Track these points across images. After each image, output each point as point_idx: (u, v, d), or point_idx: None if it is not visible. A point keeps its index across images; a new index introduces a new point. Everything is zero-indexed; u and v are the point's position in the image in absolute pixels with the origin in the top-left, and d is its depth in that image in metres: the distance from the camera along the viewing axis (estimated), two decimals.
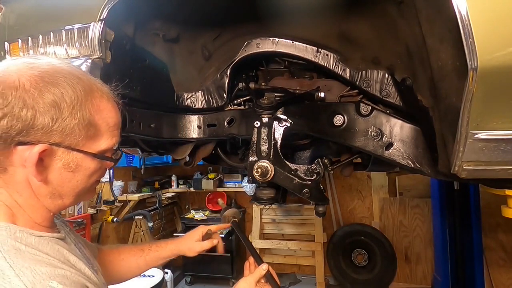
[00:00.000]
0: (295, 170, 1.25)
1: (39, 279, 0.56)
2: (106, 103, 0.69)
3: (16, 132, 0.58)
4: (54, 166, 0.63)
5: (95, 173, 0.70)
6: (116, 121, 0.72)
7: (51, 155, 0.62)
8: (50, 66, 0.64)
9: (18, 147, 0.60)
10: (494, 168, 0.85)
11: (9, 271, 0.55)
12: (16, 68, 0.61)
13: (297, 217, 4.06)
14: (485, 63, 0.69)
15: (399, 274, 3.93)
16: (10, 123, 0.57)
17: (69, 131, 0.62)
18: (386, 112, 1.23)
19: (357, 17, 1.23)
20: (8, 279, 0.54)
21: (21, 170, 0.61)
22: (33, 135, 0.59)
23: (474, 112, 0.76)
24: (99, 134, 0.67)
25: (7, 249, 0.57)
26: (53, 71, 0.63)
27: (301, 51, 1.27)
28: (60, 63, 0.66)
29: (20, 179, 0.62)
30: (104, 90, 0.70)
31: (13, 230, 0.61)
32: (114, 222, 3.77)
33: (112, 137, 0.70)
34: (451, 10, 0.70)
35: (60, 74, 0.63)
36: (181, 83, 1.42)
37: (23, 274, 0.55)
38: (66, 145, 0.63)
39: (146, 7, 1.15)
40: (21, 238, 0.61)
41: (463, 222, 3.24)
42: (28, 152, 0.59)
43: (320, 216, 1.33)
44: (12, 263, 0.56)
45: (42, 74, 0.61)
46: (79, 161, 0.65)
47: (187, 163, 1.65)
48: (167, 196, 4.66)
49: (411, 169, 1.18)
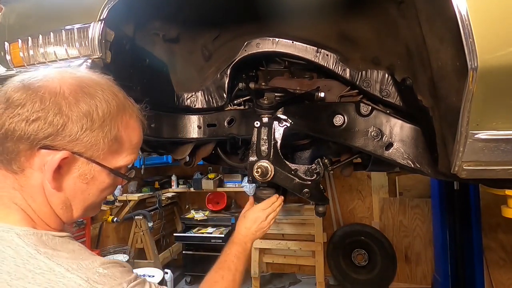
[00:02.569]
0: (295, 170, 1.25)
1: (85, 270, 0.57)
2: (134, 122, 0.71)
3: (44, 136, 0.59)
4: (71, 175, 0.63)
5: (107, 188, 0.70)
6: (139, 140, 0.73)
7: (71, 163, 0.62)
8: (91, 79, 0.66)
9: (41, 150, 0.60)
10: (494, 168, 0.85)
11: (58, 268, 0.56)
12: (60, 76, 0.63)
13: (297, 217, 4.06)
14: (485, 63, 0.69)
15: (399, 274, 3.93)
16: (41, 126, 0.58)
17: (95, 143, 0.63)
18: (386, 112, 1.23)
19: (357, 17, 1.23)
20: (60, 274, 0.55)
21: (38, 174, 0.61)
22: (59, 141, 0.60)
23: (474, 112, 0.76)
24: (121, 151, 0.68)
25: (44, 250, 0.58)
26: (93, 83, 0.65)
27: (301, 51, 1.27)
28: (100, 77, 0.69)
29: (35, 183, 0.62)
30: (135, 110, 0.72)
31: (39, 234, 0.61)
32: (114, 222, 3.76)
33: (131, 154, 0.71)
34: (451, 10, 0.70)
35: (99, 87, 0.65)
36: (181, 83, 1.42)
37: (72, 268, 0.57)
38: (87, 156, 0.63)
39: (146, 7, 1.15)
40: (48, 241, 0.61)
41: (463, 222, 3.23)
42: (50, 157, 0.60)
43: (320, 216, 1.33)
44: (57, 261, 0.57)
45: (82, 84, 0.63)
46: (96, 173, 0.65)
47: (187, 163, 1.65)
48: (167, 196, 4.65)
49: (411, 169, 1.18)
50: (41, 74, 0.64)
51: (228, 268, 1.02)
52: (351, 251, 4.03)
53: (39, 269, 0.55)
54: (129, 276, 0.62)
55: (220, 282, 0.99)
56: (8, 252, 0.56)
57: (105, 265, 0.61)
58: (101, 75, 0.71)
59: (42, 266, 0.56)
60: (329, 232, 4.13)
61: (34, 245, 0.58)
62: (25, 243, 0.58)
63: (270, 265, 4.50)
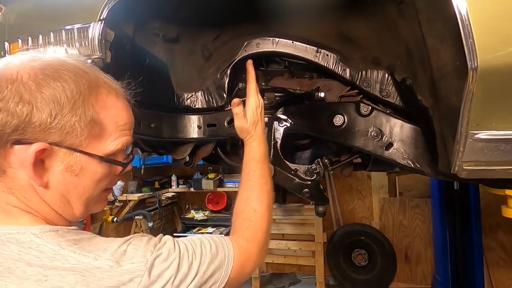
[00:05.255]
0: (295, 170, 1.25)
1: (110, 253, 0.57)
2: (115, 100, 0.64)
3: (11, 129, 0.53)
4: (56, 168, 0.58)
5: (104, 179, 0.64)
6: (126, 120, 0.66)
7: (51, 156, 0.57)
8: (55, 60, 0.59)
9: (15, 146, 0.55)
10: (494, 168, 0.85)
11: (86, 259, 0.55)
12: (19, 62, 0.57)
13: (297, 217, 4.06)
14: (485, 63, 0.69)
15: (399, 274, 3.93)
16: (5, 119, 0.53)
17: (70, 129, 0.56)
18: (386, 112, 1.23)
19: (357, 17, 1.23)
20: (90, 264, 0.54)
21: (22, 172, 0.56)
22: (30, 133, 0.54)
23: (474, 112, 0.76)
24: (106, 134, 0.62)
25: (66, 244, 0.56)
26: (56, 64, 0.58)
27: (301, 51, 1.27)
28: (67, 56, 0.63)
29: (22, 182, 0.57)
30: (113, 86, 0.65)
31: (55, 229, 0.58)
32: (114, 222, 3.77)
33: (120, 137, 0.64)
34: (451, 10, 0.70)
35: (64, 67, 0.58)
36: (181, 83, 1.42)
37: (98, 256, 0.56)
38: (67, 145, 0.57)
39: (146, 7, 1.15)
40: (65, 235, 0.58)
41: (463, 222, 3.23)
42: (26, 152, 0.54)
43: (320, 216, 1.33)
44: (83, 253, 0.55)
45: (43, 66, 0.57)
46: (84, 163, 0.59)
47: (187, 163, 1.65)
48: (167, 196, 4.66)
49: (411, 169, 1.18)
50: (2, 62, 0.58)
51: (248, 176, 0.96)
52: (351, 251, 4.03)
53: (68, 263, 0.54)
54: (151, 243, 0.62)
55: (249, 191, 0.93)
56: (32, 253, 0.54)
57: (126, 242, 0.60)
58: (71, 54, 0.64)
59: (70, 260, 0.54)
60: (329, 232, 4.13)
61: (55, 242, 0.56)
62: (46, 241, 0.55)
63: (270, 265, 4.50)
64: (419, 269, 3.96)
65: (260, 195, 0.92)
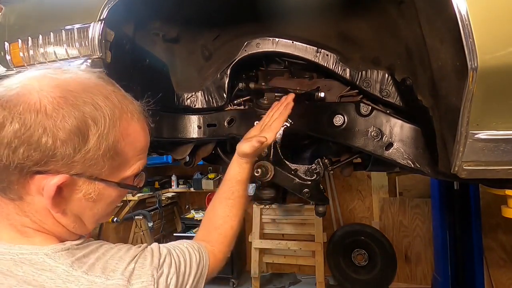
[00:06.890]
0: (295, 170, 1.25)
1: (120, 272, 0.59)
2: (135, 126, 0.63)
3: (33, 163, 0.52)
4: (74, 197, 0.58)
5: (116, 200, 0.66)
6: (144, 145, 0.66)
7: (71, 185, 0.56)
8: (76, 83, 0.57)
9: (35, 176, 0.54)
10: (494, 168, 0.85)
11: (99, 279, 0.56)
12: (38, 85, 0.54)
13: (297, 217, 4.06)
14: (485, 63, 0.69)
15: (399, 274, 3.93)
16: (27, 153, 0.51)
17: (93, 162, 0.56)
18: (386, 112, 1.23)
19: (357, 17, 1.23)
20: (103, 284, 0.56)
21: (39, 198, 0.55)
22: (52, 165, 0.53)
23: (474, 112, 0.76)
24: (125, 163, 0.62)
25: (78, 265, 0.57)
26: (79, 89, 0.56)
27: (301, 51, 1.27)
28: (87, 78, 0.60)
29: (39, 208, 0.57)
30: (135, 110, 0.64)
31: (65, 248, 0.58)
32: (114, 222, 3.77)
33: (137, 161, 0.65)
34: (451, 10, 0.70)
35: (86, 93, 0.56)
36: (181, 83, 1.42)
37: (110, 276, 0.58)
38: (88, 176, 0.57)
39: (146, 7, 1.15)
40: (75, 253, 0.59)
41: (463, 222, 3.23)
42: (46, 181, 0.53)
43: (320, 216, 1.33)
44: (95, 273, 0.57)
45: (65, 94, 0.54)
46: (101, 190, 0.60)
47: (187, 163, 1.65)
48: (167, 196, 4.66)
49: (411, 169, 1.18)
50: (18, 82, 0.55)
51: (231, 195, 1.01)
52: (351, 251, 4.03)
53: (82, 285, 0.55)
54: (154, 262, 0.65)
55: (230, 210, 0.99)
56: (46, 275, 0.54)
57: (133, 260, 0.63)
58: (90, 72, 0.62)
59: (83, 282, 0.55)
60: (329, 232, 4.13)
61: (67, 263, 0.56)
62: (58, 262, 0.56)
63: (270, 265, 4.50)
64: (419, 269, 3.96)
65: (237, 214, 1.00)
